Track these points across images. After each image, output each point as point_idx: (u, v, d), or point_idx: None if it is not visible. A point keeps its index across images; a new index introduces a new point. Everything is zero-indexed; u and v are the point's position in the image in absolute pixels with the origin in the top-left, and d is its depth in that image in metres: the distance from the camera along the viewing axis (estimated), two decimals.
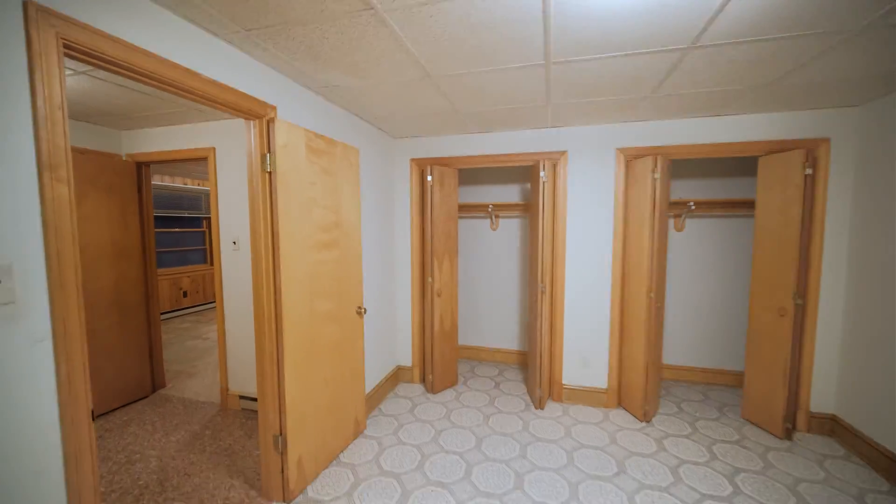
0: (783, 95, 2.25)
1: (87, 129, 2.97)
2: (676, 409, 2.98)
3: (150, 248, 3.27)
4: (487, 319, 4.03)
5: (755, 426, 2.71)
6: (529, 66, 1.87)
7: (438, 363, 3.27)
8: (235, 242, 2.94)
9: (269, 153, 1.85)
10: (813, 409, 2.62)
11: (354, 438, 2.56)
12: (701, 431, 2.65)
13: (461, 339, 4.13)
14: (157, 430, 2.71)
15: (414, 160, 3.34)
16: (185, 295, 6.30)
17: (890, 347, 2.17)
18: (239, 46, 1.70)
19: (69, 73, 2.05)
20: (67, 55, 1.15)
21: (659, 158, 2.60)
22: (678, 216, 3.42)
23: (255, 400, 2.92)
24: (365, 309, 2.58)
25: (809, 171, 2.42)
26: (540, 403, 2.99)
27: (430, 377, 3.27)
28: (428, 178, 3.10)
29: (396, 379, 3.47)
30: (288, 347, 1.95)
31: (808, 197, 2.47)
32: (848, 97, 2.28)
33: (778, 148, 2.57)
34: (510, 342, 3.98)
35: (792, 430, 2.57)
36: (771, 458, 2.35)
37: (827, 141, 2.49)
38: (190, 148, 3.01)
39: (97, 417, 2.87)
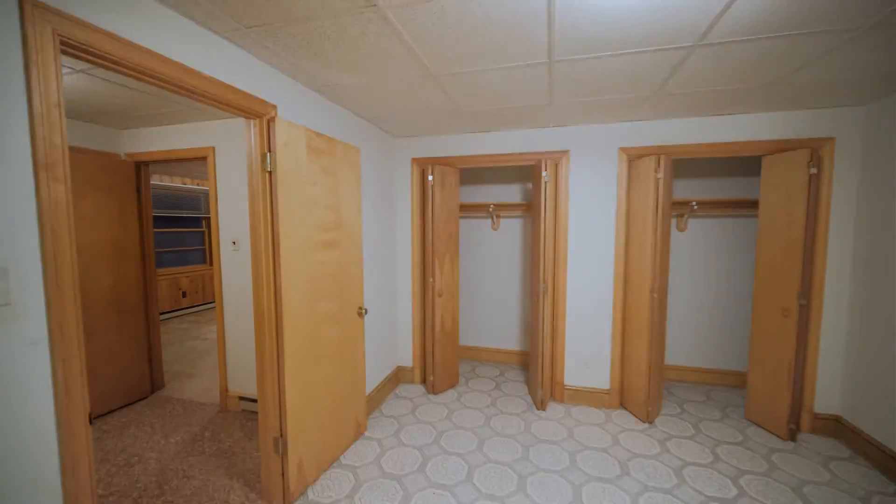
0: (788, 94, 2.23)
1: (85, 128, 2.95)
2: (679, 409, 2.96)
3: (149, 248, 3.25)
4: (488, 320, 4.01)
5: (759, 427, 2.70)
6: (532, 64, 1.85)
7: (439, 364, 3.25)
8: (235, 242, 2.92)
9: (269, 152, 1.83)
10: (817, 409, 2.61)
11: (355, 440, 2.54)
12: (704, 433, 2.64)
13: (462, 339, 4.11)
14: (156, 431, 2.69)
15: (415, 160, 3.32)
16: (184, 295, 6.28)
17: (895, 348, 2.15)
18: (239, 44, 1.68)
19: (67, 71, 2.03)
20: (64, 52, 1.13)
21: (662, 158, 2.58)
22: (681, 216, 3.40)
23: (254, 401, 2.90)
24: (366, 309, 2.56)
25: (814, 170, 2.40)
26: (542, 404, 2.97)
27: (430, 378, 3.25)
28: (429, 177, 3.08)
29: (397, 379, 3.45)
30: (288, 348, 1.93)
31: (812, 196, 2.45)
32: (854, 96, 2.26)
33: (782, 147, 2.55)
34: (511, 342, 3.96)
35: (796, 431, 2.56)
36: (775, 459, 2.34)
37: (832, 140, 2.47)
38: (189, 147, 2.98)
39: (95, 419, 2.85)
